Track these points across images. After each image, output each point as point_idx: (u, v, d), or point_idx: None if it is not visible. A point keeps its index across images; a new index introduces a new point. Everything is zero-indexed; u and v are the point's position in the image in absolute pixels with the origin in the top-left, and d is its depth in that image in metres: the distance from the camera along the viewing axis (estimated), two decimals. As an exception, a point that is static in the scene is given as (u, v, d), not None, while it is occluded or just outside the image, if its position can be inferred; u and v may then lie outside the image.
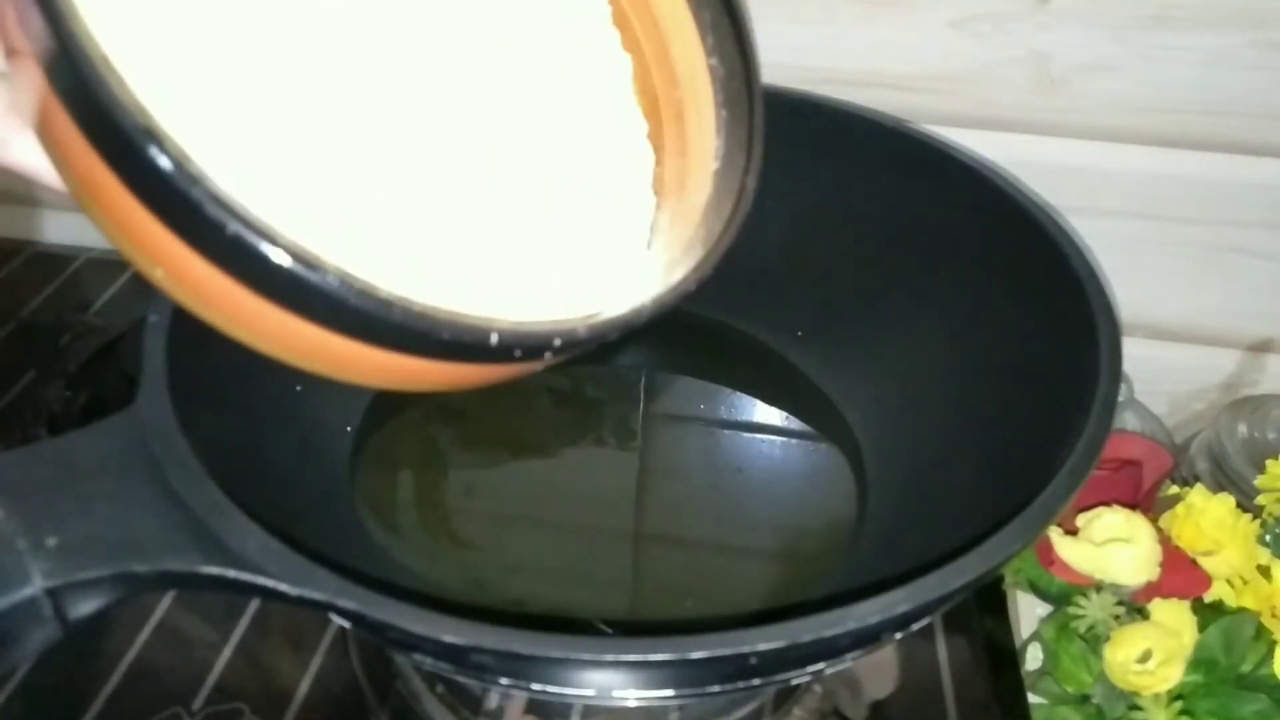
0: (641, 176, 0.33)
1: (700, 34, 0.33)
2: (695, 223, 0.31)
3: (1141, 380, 0.54)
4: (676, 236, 0.31)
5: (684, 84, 0.33)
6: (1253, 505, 0.45)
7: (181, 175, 0.20)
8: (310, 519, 0.36)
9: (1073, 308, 0.36)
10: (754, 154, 0.31)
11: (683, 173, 0.33)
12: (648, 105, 0.34)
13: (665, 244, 0.31)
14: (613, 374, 0.50)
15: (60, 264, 0.62)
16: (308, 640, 0.42)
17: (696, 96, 0.33)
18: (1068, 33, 0.49)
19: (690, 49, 0.33)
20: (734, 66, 0.32)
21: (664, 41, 0.33)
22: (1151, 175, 0.52)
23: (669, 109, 0.34)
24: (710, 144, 0.32)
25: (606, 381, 0.50)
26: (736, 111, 0.32)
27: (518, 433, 0.48)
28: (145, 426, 0.30)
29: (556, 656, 0.26)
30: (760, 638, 0.25)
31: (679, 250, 0.30)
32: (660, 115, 0.34)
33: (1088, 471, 0.31)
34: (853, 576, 0.39)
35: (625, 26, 0.34)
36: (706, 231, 0.30)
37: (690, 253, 0.29)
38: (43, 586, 0.26)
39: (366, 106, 0.26)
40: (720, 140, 0.32)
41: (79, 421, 0.30)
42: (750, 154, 0.31)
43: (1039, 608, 0.45)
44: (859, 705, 0.41)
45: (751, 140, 0.31)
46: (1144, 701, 0.39)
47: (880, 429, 0.45)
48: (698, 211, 0.31)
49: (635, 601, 0.41)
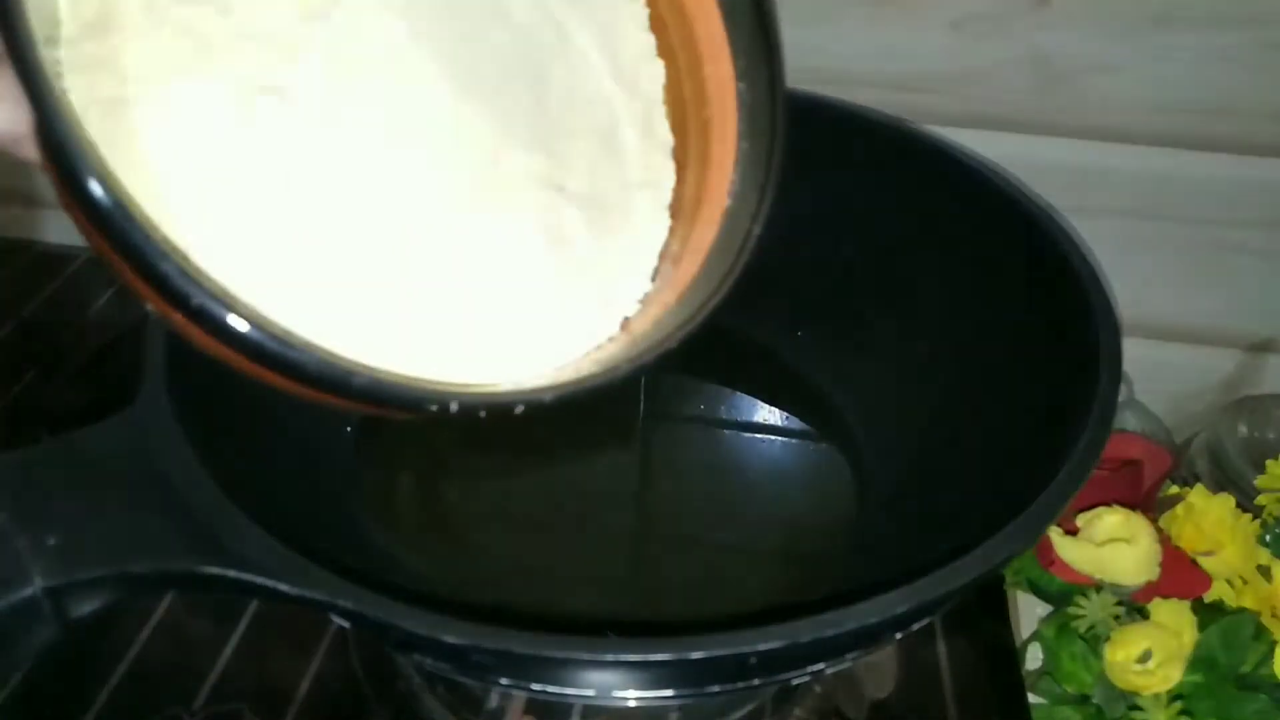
0: (661, 195, 0.31)
1: (732, 53, 0.31)
2: (699, 261, 0.29)
3: (1141, 380, 0.54)
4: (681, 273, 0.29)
5: (713, 103, 0.31)
6: (1253, 505, 0.45)
7: (152, 249, 0.20)
8: (310, 519, 0.36)
9: (1073, 307, 0.36)
10: (766, 199, 0.29)
11: (699, 199, 0.31)
12: (676, 119, 0.32)
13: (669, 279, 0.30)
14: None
15: (60, 264, 0.62)
16: (308, 640, 0.42)
17: (723, 119, 0.31)
18: (1068, 33, 0.49)
19: (722, 67, 0.31)
20: (761, 97, 0.31)
21: (698, 53, 0.32)
22: (1152, 175, 0.52)
23: (696, 126, 0.32)
24: (728, 176, 0.30)
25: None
26: (756, 147, 0.30)
27: (517, 433, 0.48)
28: (145, 427, 0.30)
29: (556, 656, 0.26)
30: (760, 638, 0.25)
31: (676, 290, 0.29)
32: (688, 131, 0.32)
33: (1088, 471, 0.31)
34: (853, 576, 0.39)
35: (661, 31, 0.32)
36: (707, 276, 0.28)
37: (689, 298, 0.28)
38: (42, 586, 0.26)
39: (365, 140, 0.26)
40: (737, 175, 0.30)
41: (79, 422, 0.30)
42: (763, 198, 0.29)
43: (1039, 608, 0.44)
44: (859, 705, 0.41)
45: (766, 184, 0.30)
46: (1144, 701, 0.39)
47: (880, 429, 0.45)
48: (704, 249, 0.29)
49: (635, 601, 0.41)
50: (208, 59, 0.24)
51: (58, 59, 0.22)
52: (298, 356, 0.21)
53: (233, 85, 0.24)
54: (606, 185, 0.30)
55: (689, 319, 0.27)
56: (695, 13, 0.31)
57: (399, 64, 0.26)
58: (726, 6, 0.31)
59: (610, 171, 0.31)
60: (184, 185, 0.23)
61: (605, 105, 0.31)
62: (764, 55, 0.31)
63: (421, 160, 0.26)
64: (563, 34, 0.30)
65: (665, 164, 0.32)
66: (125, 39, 0.23)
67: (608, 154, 0.31)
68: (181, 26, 0.24)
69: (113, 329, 0.57)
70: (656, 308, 0.29)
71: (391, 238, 0.25)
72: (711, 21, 0.31)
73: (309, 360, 0.21)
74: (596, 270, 0.29)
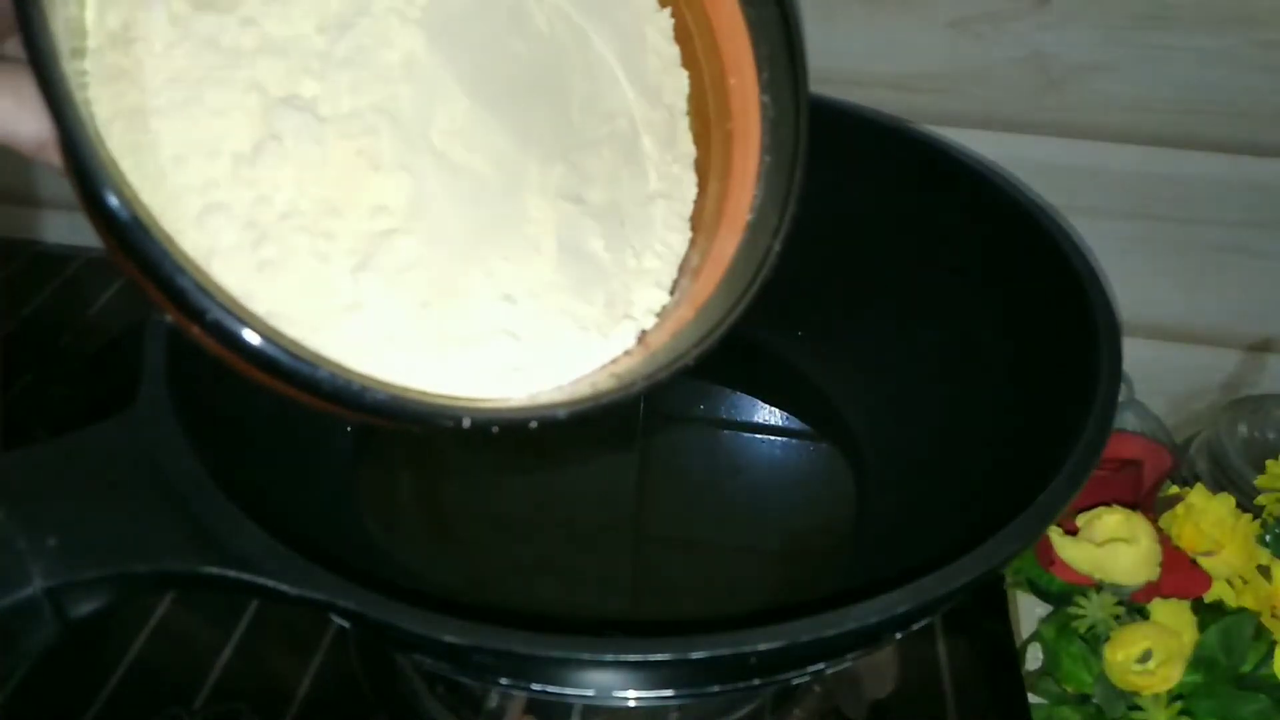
0: (682, 207, 0.31)
1: (757, 66, 0.31)
2: (718, 275, 0.29)
3: (1141, 380, 0.54)
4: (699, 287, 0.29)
5: (736, 115, 0.31)
6: (1253, 505, 0.45)
7: (169, 263, 0.20)
8: (310, 519, 0.36)
9: (1073, 307, 0.36)
10: (787, 215, 0.29)
11: (719, 213, 0.31)
12: (699, 129, 0.32)
13: (687, 293, 0.29)
14: (613, 374, 0.50)
15: (60, 264, 0.62)
16: (308, 640, 0.42)
17: (746, 132, 0.31)
18: (1068, 32, 0.49)
19: (746, 79, 0.31)
20: (785, 110, 0.30)
21: (722, 66, 0.31)
22: (1151, 175, 0.52)
23: (719, 138, 0.31)
24: (750, 190, 0.30)
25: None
26: (779, 161, 0.30)
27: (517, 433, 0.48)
28: (145, 427, 0.30)
29: (556, 656, 0.26)
30: (760, 638, 0.25)
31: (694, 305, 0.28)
32: (710, 142, 0.32)
33: (1088, 472, 0.31)
34: (853, 576, 0.39)
35: (686, 42, 0.32)
36: (725, 292, 0.28)
37: (706, 314, 0.28)
38: (42, 587, 0.26)
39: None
40: (759, 189, 0.30)
41: (79, 422, 0.30)
42: (784, 215, 0.29)
43: (1039, 608, 0.44)
44: (859, 705, 0.41)
45: (788, 200, 0.29)
46: (1144, 702, 0.39)
47: (880, 428, 0.45)
48: (723, 263, 0.29)
49: (635, 601, 0.41)
50: (231, 70, 0.24)
51: (84, 70, 0.22)
52: (313, 373, 0.21)
53: (255, 96, 0.24)
54: (626, 197, 0.30)
55: (706, 335, 0.27)
56: (721, 24, 0.31)
57: (419, 75, 0.26)
58: (752, 18, 0.31)
59: (630, 183, 0.30)
60: (203, 196, 0.23)
61: (626, 116, 0.31)
62: (788, 69, 0.30)
63: (440, 171, 0.26)
64: (584, 44, 0.30)
65: (687, 176, 0.31)
66: (149, 50, 0.23)
67: (628, 165, 0.30)
68: (204, 38, 0.24)
69: (113, 329, 0.57)
70: (674, 322, 0.28)
71: (408, 250, 0.25)
72: (737, 33, 0.31)
73: (324, 377, 0.21)
74: (613, 283, 0.28)
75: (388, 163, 0.25)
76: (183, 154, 0.23)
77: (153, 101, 0.23)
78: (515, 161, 0.27)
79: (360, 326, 0.24)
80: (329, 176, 0.24)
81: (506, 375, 0.26)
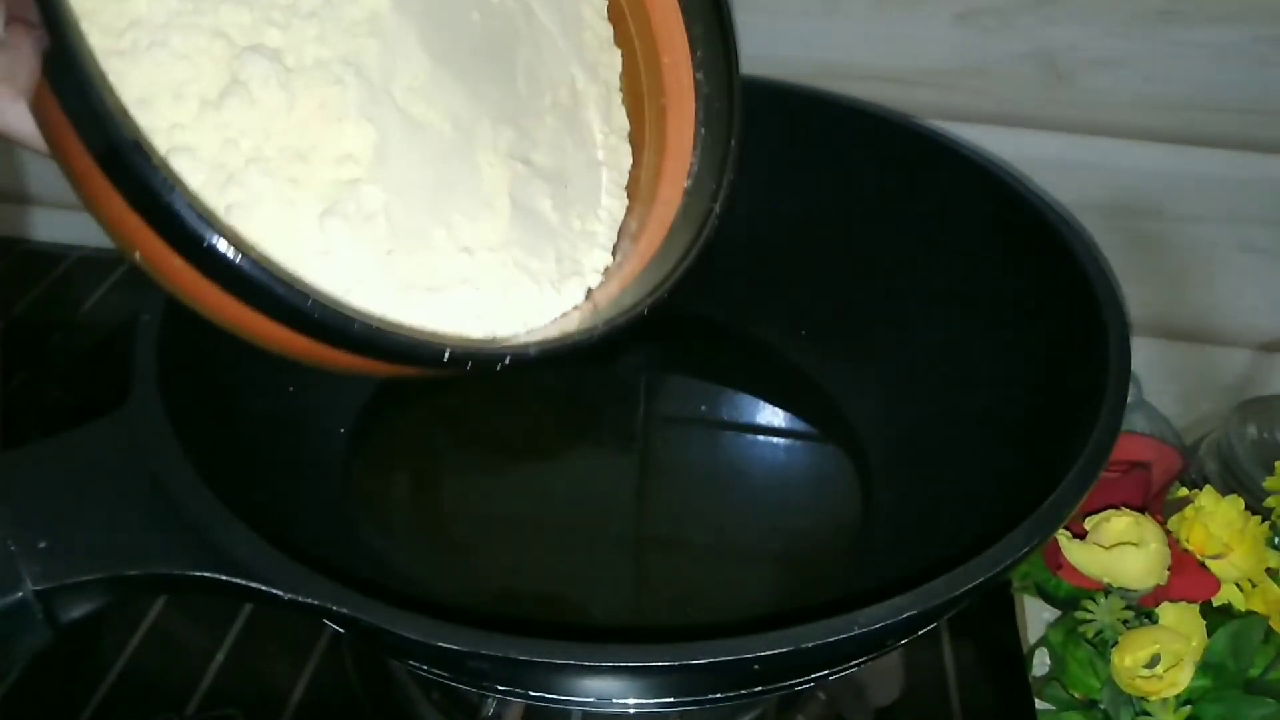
0: (618, 176, 0.33)
1: (690, 45, 0.33)
2: (659, 238, 0.31)
3: (1150, 381, 0.54)
4: (641, 248, 0.31)
5: (669, 91, 0.33)
6: (1262, 507, 0.45)
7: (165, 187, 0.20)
8: (304, 522, 0.35)
9: (1081, 306, 0.36)
10: (724, 181, 0.32)
11: (656, 181, 0.33)
12: (633, 105, 0.34)
13: (630, 254, 0.31)
14: (613, 374, 0.50)
15: (50, 262, 0.62)
16: (302, 645, 0.42)
17: (680, 106, 0.33)
18: (1075, 27, 0.49)
19: (679, 58, 0.33)
20: (719, 86, 0.33)
21: (655, 44, 0.33)
22: (1160, 172, 0.52)
23: (653, 112, 0.34)
24: (686, 160, 0.32)
25: (606, 382, 0.50)
26: (715, 133, 0.32)
27: (515, 434, 0.48)
28: (137, 428, 0.30)
29: (554, 663, 0.25)
30: (763, 644, 0.25)
31: (638, 263, 0.30)
32: (644, 117, 0.34)
33: (1096, 474, 0.31)
34: (857, 581, 0.39)
35: (620, 22, 0.34)
36: (668, 251, 0.30)
37: (651, 271, 0.29)
38: (33, 590, 0.26)
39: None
40: (695, 159, 0.32)
41: (70, 422, 0.30)
42: (721, 180, 0.32)
43: (1046, 612, 0.44)
44: (864, 711, 0.41)
45: (724, 166, 0.32)
46: (1152, 706, 0.39)
47: (885, 430, 0.45)
48: (664, 226, 0.31)
49: (635, 607, 0.41)
50: (196, 17, 0.24)
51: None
52: (302, 301, 0.21)
53: (221, 43, 0.24)
54: (570, 163, 0.32)
55: (655, 288, 0.29)
56: (654, 5, 0.33)
57: (383, 32, 0.27)
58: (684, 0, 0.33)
59: (574, 150, 0.32)
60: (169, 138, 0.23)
61: (569, 87, 0.33)
62: (720, 47, 0.33)
63: (402, 125, 0.27)
64: (531, 18, 0.32)
65: (623, 147, 0.34)
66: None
67: (571, 134, 0.32)
68: None
69: (104, 328, 0.57)
70: (618, 281, 0.30)
71: (372, 198, 0.26)
72: (668, 13, 0.33)
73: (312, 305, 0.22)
74: (561, 242, 0.30)
75: (353, 113, 0.25)
76: (148, 97, 0.23)
77: (116, 44, 0.23)
78: (471, 121, 0.28)
79: (329, 271, 0.25)
80: (295, 124, 0.25)
81: (469, 322, 0.27)
